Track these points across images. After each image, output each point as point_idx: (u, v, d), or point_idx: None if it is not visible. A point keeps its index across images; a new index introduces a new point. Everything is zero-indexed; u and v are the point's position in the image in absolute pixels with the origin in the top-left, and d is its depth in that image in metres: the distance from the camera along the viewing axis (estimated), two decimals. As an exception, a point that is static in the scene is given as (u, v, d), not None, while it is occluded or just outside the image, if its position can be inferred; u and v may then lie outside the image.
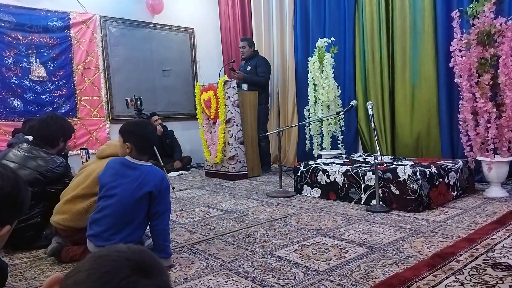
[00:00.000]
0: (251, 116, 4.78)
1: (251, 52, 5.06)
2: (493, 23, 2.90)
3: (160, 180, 1.88)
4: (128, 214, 1.83)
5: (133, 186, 1.83)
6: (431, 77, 3.88)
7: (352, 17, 4.63)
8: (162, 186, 1.87)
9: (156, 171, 1.92)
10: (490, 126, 2.91)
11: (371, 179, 2.95)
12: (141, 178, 1.84)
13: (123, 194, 1.83)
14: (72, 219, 2.06)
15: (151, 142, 2.00)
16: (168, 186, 1.92)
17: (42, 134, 2.45)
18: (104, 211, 1.87)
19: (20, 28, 4.86)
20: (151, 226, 1.90)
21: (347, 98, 4.64)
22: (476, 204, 2.87)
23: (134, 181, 1.84)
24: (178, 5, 6.28)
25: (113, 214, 1.83)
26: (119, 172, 1.90)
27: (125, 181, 1.85)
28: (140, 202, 1.83)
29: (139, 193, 1.82)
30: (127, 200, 1.82)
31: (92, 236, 1.87)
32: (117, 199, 1.83)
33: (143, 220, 1.89)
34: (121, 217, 1.82)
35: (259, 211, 2.98)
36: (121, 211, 1.82)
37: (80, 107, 5.34)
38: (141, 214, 1.86)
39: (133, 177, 1.86)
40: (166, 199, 1.89)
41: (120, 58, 5.68)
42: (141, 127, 1.96)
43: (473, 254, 1.83)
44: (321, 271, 1.74)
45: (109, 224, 1.83)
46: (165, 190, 1.89)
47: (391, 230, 2.30)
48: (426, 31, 3.89)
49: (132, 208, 1.83)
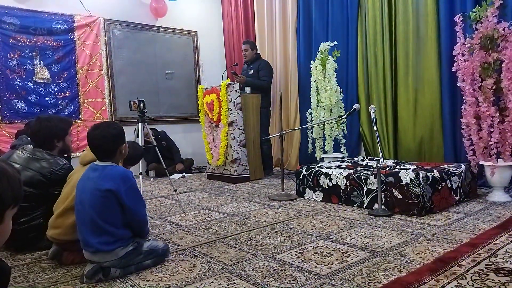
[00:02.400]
0: (254, 119, 4.78)
1: (254, 55, 5.07)
2: (496, 28, 2.90)
3: (119, 177, 1.86)
4: (100, 215, 1.81)
5: (94, 185, 1.84)
6: (434, 81, 3.87)
7: (355, 21, 4.64)
8: (121, 183, 1.84)
9: (116, 170, 1.90)
10: (493, 130, 2.91)
11: (374, 183, 2.95)
12: (100, 178, 1.85)
13: (89, 196, 1.83)
14: (66, 233, 2.05)
15: (99, 146, 1.94)
16: (131, 182, 1.89)
17: (36, 140, 2.45)
18: (78, 218, 1.89)
19: (25, 30, 4.89)
20: (127, 221, 1.89)
21: (349, 101, 4.64)
22: (478, 208, 2.86)
23: (95, 181, 1.85)
24: (181, 9, 6.31)
25: (88, 220, 1.82)
26: (85, 176, 1.92)
27: (89, 183, 1.87)
28: (105, 200, 1.81)
29: (99, 191, 1.81)
30: (94, 201, 1.82)
31: (82, 244, 1.88)
32: (87, 204, 1.84)
33: (120, 220, 1.87)
34: (95, 221, 1.81)
35: (261, 214, 2.98)
36: (93, 215, 1.81)
37: (84, 109, 5.36)
38: (114, 214, 1.84)
39: (93, 178, 1.87)
40: (130, 194, 1.86)
41: (124, 60, 5.71)
42: (94, 130, 1.94)
43: (475, 259, 1.82)
44: (323, 275, 1.74)
45: (87, 229, 1.83)
46: (127, 187, 1.86)
47: (393, 234, 2.30)
48: (429, 35, 3.89)
49: (101, 208, 1.81)
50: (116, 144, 1.93)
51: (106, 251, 1.81)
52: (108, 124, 1.98)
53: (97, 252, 1.81)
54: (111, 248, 1.82)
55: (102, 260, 1.82)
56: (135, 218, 1.91)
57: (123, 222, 1.88)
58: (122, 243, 1.86)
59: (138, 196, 1.95)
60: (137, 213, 1.91)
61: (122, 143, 1.97)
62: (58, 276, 1.90)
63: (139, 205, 1.93)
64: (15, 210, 0.99)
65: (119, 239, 1.85)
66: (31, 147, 2.44)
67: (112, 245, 1.82)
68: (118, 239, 1.85)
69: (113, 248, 1.82)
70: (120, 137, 1.96)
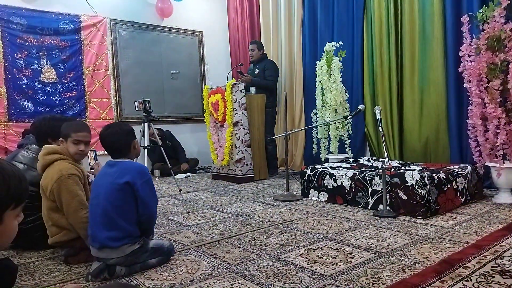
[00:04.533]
0: (259, 119, 4.79)
1: (260, 55, 5.08)
2: (503, 28, 2.88)
3: (137, 171, 1.91)
4: (114, 209, 1.84)
5: (112, 179, 1.87)
6: (440, 82, 3.85)
7: (360, 21, 4.63)
8: (139, 176, 1.90)
9: (133, 164, 1.97)
10: (499, 131, 2.88)
11: (379, 184, 2.94)
12: (118, 172, 1.89)
13: (105, 190, 1.87)
14: (63, 234, 2.09)
15: (114, 143, 1.98)
16: (148, 177, 1.94)
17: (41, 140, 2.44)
18: (90, 212, 1.93)
19: (32, 30, 4.93)
20: (138, 216, 1.91)
21: (354, 102, 4.63)
22: (484, 210, 2.84)
23: (113, 175, 1.89)
24: (187, 9, 6.33)
25: (101, 212, 1.85)
26: (102, 172, 1.99)
27: (106, 178, 1.91)
28: (122, 194, 1.85)
29: (117, 185, 1.84)
30: (110, 194, 1.85)
31: (90, 239, 1.90)
32: (102, 196, 1.87)
33: (134, 215, 1.89)
34: (108, 214, 1.84)
35: (265, 214, 2.98)
36: (107, 207, 1.84)
37: (90, 108, 5.40)
38: (128, 207, 1.87)
39: (111, 173, 1.91)
40: (145, 188, 1.90)
41: (130, 60, 5.74)
42: (106, 129, 2.00)
43: (481, 261, 1.81)
44: (327, 275, 1.73)
45: (98, 223, 1.86)
46: (144, 180, 1.90)
47: (398, 236, 2.29)
48: (435, 35, 3.87)
49: (116, 201, 1.85)
50: (130, 139, 2.00)
51: (113, 247, 1.82)
52: (118, 123, 2.05)
53: (103, 247, 1.83)
54: (118, 245, 1.83)
55: (108, 257, 1.83)
56: (147, 213, 1.93)
57: (135, 218, 1.90)
58: (129, 240, 1.86)
59: (153, 191, 1.98)
60: (149, 207, 1.93)
61: (134, 138, 2.04)
62: (64, 274, 1.92)
63: (152, 201, 1.96)
64: (18, 210, 0.95)
65: (127, 235, 1.86)
66: (36, 146, 2.46)
67: (120, 242, 1.83)
68: (127, 236, 1.86)
69: (120, 245, 1.83)
70: (132, 133, 2.04)
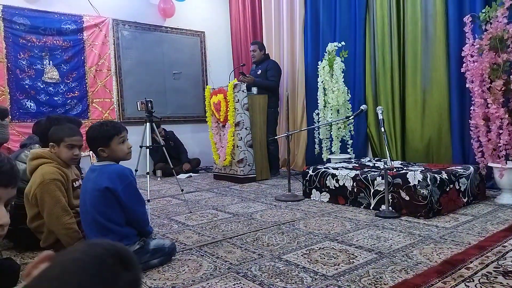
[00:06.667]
0: (260, 119, 4.79)
1: (262, 56, 5.08)
2: (506, 29, 2.87)
3: (117, 175, 1.85)
4: (101, 214, 1.82)
5: (93, 185, 1.85)
6: (442, 82, 3.85)
7: (363, 21, 4.62)
8: (118, 181, 1.84)
9: (113, 168, 1.88)
10: (502, 132, 2.88)
11: (381, 184, 2.94)
12: (98, 177, 1.86)
13: (89, 196, 1.85)
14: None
15: (93, 141, 1.91)
16: (129, 180, 1.87)
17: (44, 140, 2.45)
18: (82, 219, 1.93)
19: (34, 30, 4.95)
20: (126, 219, 1.89)
21: (357, 102, 4.63)
22: (487, 211, 2.84)
23: (94, 181, 1.86)
24: (189, 9, 6.34)
25: (90, 220, 1.85)
26: (86, 178, 1.95)
27: (89, 184, 1.89)
28: (104, 199, 1.82)
29: (97, 191, 1.82)
30: (93, 200, 1.83)
31: None
32: (88, 203, 1.86)
33: (122, 218, 1.87)
34: (97, 220, 1.82)
35: (267, 214, 2.98)
36: (94, 213, 1.83)
37: (92, 109, 5.41)
38: (114, 211, 1.84)
39: (92, 178, 1.88)
40: (128, 193, 1.85)
41: (132, 61, 5.75)
42: (90, 130, 1.92)
43: (483, 262, 1.80)
44: (329, 276, 1.73)
45: (92, 230, 1.86)
46: (124, 185, 1.84)
47: (401, 236, 2.28)
48: (437, 36, 3.86)
49: (100, 207, 1.82)
50: (102, 142, 1.88)
51: None
52: (100, 123, 1.95)
53: None
54: None
55: None
56: (134, 217, 1.91)
57: (125, 220, 1.89)
58: (127, 241, 1.86)
59: (137, 194, 1.92)
60: (135, 211, 1.90)
61: (109, 140, 1.88)
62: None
63: (137, 204, 1.92)
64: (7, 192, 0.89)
65: (124, 237, 1.86)
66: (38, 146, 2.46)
67: None
68: (123, 238, 1.86)
69: None
70: (108, 132, 1.88)
